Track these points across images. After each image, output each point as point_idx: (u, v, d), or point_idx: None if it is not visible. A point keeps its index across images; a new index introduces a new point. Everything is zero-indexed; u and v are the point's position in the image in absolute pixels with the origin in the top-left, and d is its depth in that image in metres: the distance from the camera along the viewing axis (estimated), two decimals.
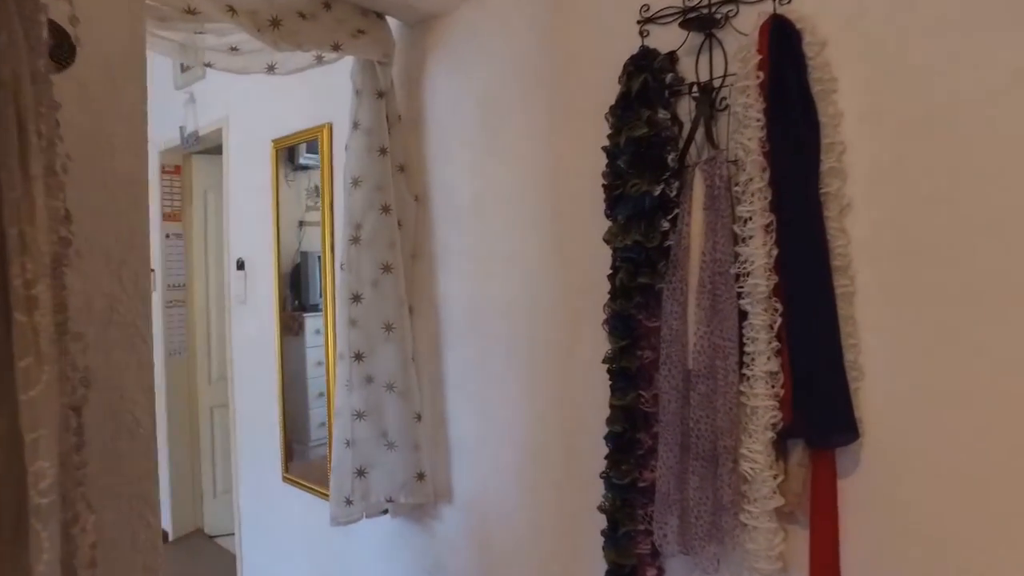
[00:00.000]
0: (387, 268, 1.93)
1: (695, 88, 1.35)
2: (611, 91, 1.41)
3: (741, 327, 1.20)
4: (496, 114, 1.81)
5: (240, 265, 2.97)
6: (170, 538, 3.81)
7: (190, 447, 3.85)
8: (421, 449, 1.96)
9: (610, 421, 1.40)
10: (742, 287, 1.19)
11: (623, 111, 1.38)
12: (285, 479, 2.71)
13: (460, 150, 1.91)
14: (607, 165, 1.41)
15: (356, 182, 1.94)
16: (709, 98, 1.32)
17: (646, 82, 1.35)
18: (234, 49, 1.75)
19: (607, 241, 1.41)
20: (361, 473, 1.95)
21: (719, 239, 1.23)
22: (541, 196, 1.71)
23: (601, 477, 1.43)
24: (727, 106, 1.29)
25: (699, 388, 1.23)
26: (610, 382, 1.41)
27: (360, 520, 2.01)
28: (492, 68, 1.81)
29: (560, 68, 1.66)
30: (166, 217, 3.72)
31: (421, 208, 2.04)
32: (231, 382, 3.15)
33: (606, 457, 1.41)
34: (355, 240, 1.94)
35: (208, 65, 1.78)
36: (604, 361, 1.41)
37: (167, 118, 3.56)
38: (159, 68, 3.66)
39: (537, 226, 1.72)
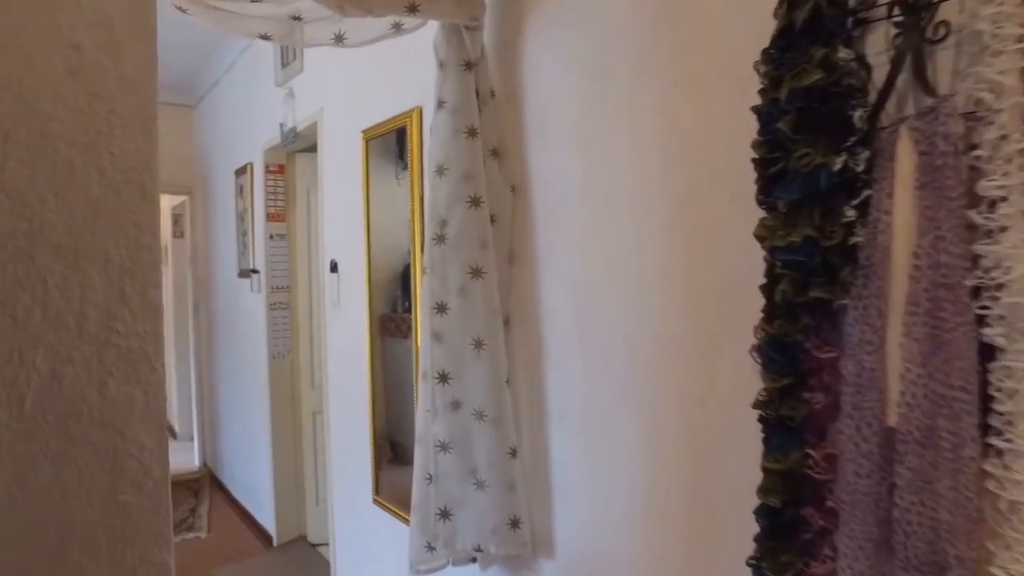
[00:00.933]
0: (477, 272, 1.62)
1: (895, 10, 0.92)
2: (760, 34, 1.01)
3: (984, 370, 0.77)
4: (609, 83, 1.44)
5: (333, 267, 2.78)
6: (274, 543, 3.74)
7: (293, 452, 3.76)
8: (516, 490, 1.63)
9: (763, 491, 1.00)
10: (987, 308, 0.77)
11: (783, 53, 0.97)
12: (375, 501, 2.48)
13: (566, 130, 1.56)
14: (760, 131, 1.01)
15: (440, 170, 1.64)
16: (919, 22, 0.89)
17: (818, 8, 0.94)
18: (296, 18, 1.50)
19: (760, 238, 1.01)
20: (445, 515, 1.65)
21: (944, 233, 0.81)
22: (667, 182, 1.32)
23: (749, 565, 1.03)
24: (948, 33, 0.86)
25: (909, 460, 0.82)
26: (763, 435, 1.01)
27: (446, 567, 1.72)
28: (603, 27, 1.45)
29: (687, 16, 1.27)
30: (270, 218, 3.64)
31: (519, 200, 1.71)
32: (325, 390, 2.98)
33: (756, 539, 1.02)
34: (439, 239, 1.64)
35: (266, 38, 1.55)
36: (755, 406, 1.01)
37: (269, 116, 3.47)
38: (262, 66, 3.58)
39: (662, 220, 1.33)
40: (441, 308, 1.64)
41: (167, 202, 6.79)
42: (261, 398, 3.80)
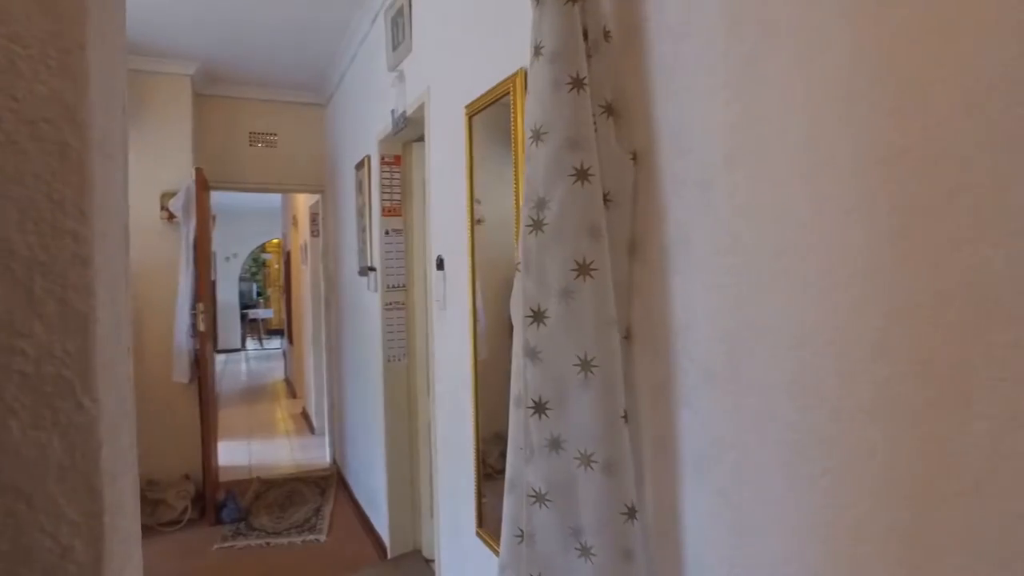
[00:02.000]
0: (585, 269, 1.22)
1: None
2: None
3: None
4: (768, 5, 0.99)
5: (440, 264, 2.48)
6: (388, 554, 3.54)
7: (409, 462, 3.54)
8: (634, 561, 1.21)
9: None
10: None
11: None
12: (478, 534, 2.15)
13: (708, 71, 1.12)
14: None
15: (537, 135, 1.25)
16: None
17: None
18: None
19: None
20: None
21: None
22: (869, 132, 0.85)
23: None
24: None
25: None
26: None
27: None
28: None
29: None
30: (386, 212, 3.43)
31: (642, 172, 1.28)
32: (433, 400, 2.69)
33: None
34: (535, 226, 1.25)
35: None
36: None
37: (383, 104, 3.26)
38: (377, 53, 3.38)
39: (862, 191, 0.86)
40: (537, 316, 1.25)
41: (305, 201, 6.95)
42: (377, 402, 3.62)
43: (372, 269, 3.56)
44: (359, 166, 3.84)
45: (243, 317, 14.84)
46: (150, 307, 4.35)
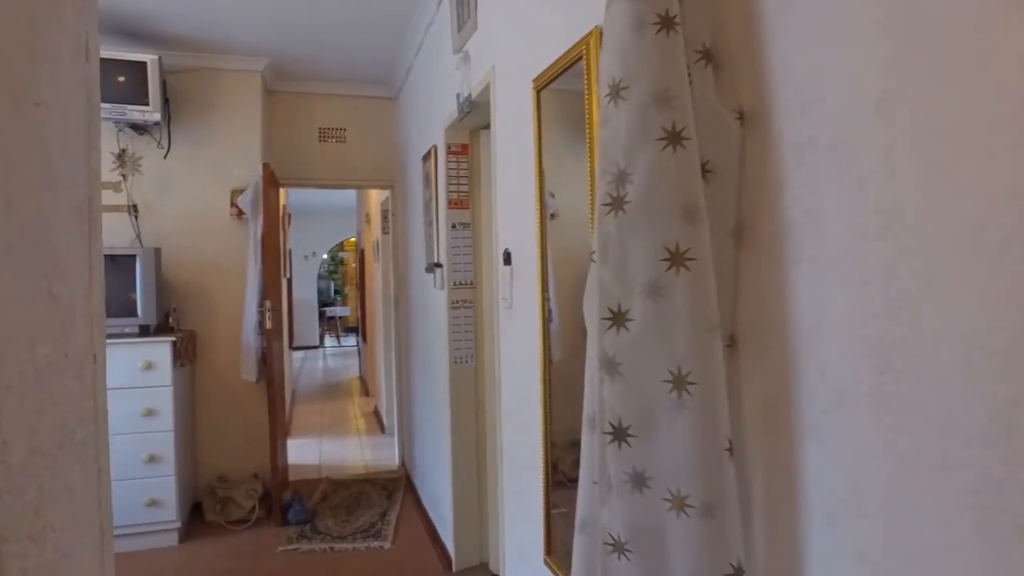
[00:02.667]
0: (679, 259, 0.95)
1: None
2: None
3: None
4: None
5: (507, 259, 2.25)
6: (454, 568, 3.35)
7: (476, 471, 3.33)
8: None
9: None
10: None
11: None
12: (546, 562, 1.90)
13: (842, 5, 0.84)
14: None
15: (616, 91, 1.00)
16: None
17: None
18: None
19: None
20: None
21: None
22: None
23: None
24: None
25: None
26: None
27: None
28: None
29: None
30: (452, 204, 3.24)
31: (752, 135, 1.01)
32: (499, 406, 2.47)
33: None
34: (615, 204, 1.00)
35: None
36: None
37: (448, 90, 3.06)
38: (443, 37, 3.19)
39: None
40: (617, 319, 1.00)
41: (377, 198, 6.89)
42: (443, 406, 3.43)
43: (438, 265, 3.38)
44: (425, 158, 3.67)
45: (321, 315, 15.14)
46: (220, 305, 4.32)
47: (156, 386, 3.73)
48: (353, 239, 13.65)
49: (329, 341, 15.31)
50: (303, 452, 5.79)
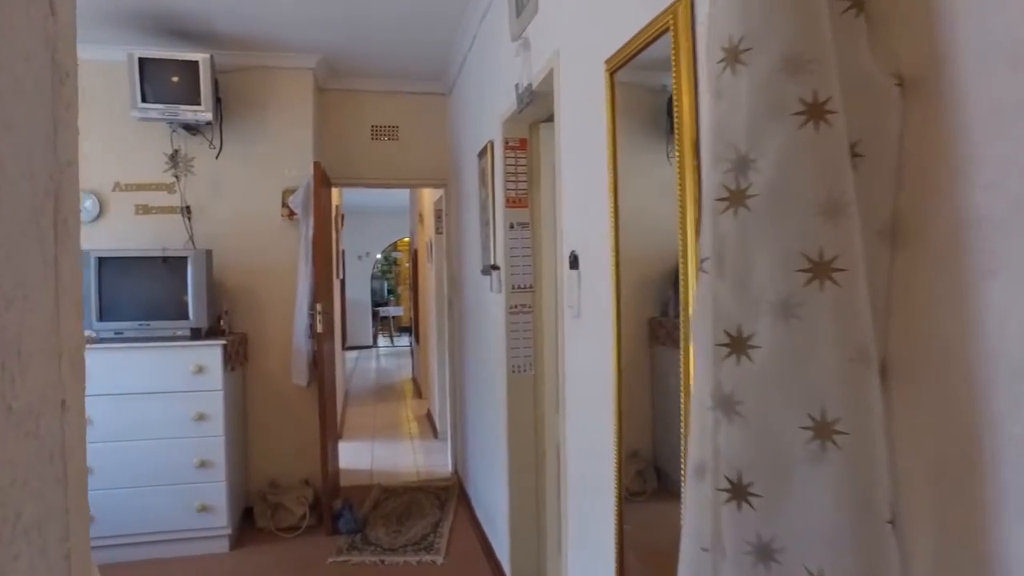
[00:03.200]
0: (823, 269, 0.73)
1: None
2: None
3: None
4: None
5: (573, 262, 2.04)
6: None
7: (534, 486, 3.13)
8: None
9: None
10: None
11: None
12: None
13: None
14: None
15: (735, 55, 0.78)
16: None
17: None
18: None
19: None
20: None
21: None
22: None
23: None
24: None
25: None
26: None
27: None
28: None
29: None
30: (510, 203, 3.05)
31: (916, 106, 0.77)
32: (563, 420, 2.26)
33: None
34: (735, 199, 0.78)
35: None
36: None
37: (506, 81, 2.87)
38: (500, 26, 3.00)
39: None
40: (738, 345, 0.78)
41: (430, 197, 6.76)
42: (499, 416, 3.25)
43: (495, 268, 3.19)
44: (481, 154, 3.49)
45: (375, 315, 15.20)
46: (271, 307, 4.24)
47: (207, 390, 3.65)
48: (406, 239, 13.63)
49: (382, 341, 15.36)
50: (355, 456, 5.70)
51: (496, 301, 3.23)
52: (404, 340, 14.77)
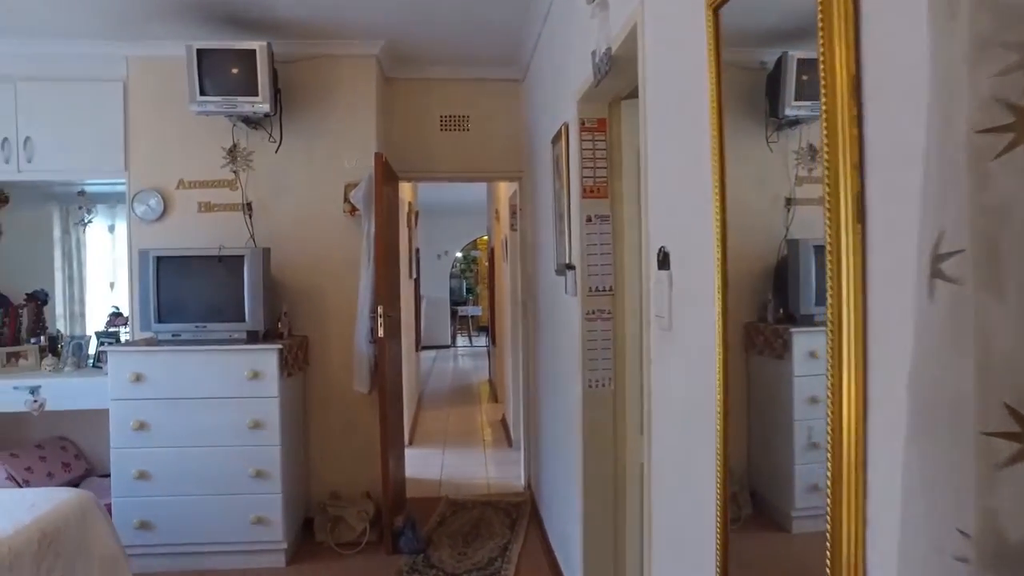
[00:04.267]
0: None
1: None
2: None
3: None
4: None
5: (663, 261, 1.63)
6: None
7: (613, 513, 2.73)
8: None
9: None
10: None
11: None
12: None
13: None
14: None
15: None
16: None
17: None
18: None
19: None
20: None
21: None
22: None
23: None
24: None
25: None
26: None
27: None
28: None
29: None
30: (587, 193, 2.65)
31: None
32: (648, 443, 1.85)
33: None
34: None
35: None
36: None
37: (582, 52, 2.48)
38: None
39: None
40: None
41: (506, 192, 6.43)
42: (574, 433, 2.86)
43: (570, 267, 2.81)
44: (555, 139, 3.11)
45: (453, 314, 15.07)
46: (334, 309, 4.01)
47: (263, 396, 3.44)
48: (485, 238, 13.41)
49: (461, 341, 15.21)
50: (424, 464, 5.44)
51: (571, 305, 2.84)
52: (483, 340, 14.56)
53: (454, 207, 12.35)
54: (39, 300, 4.40)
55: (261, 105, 3.55)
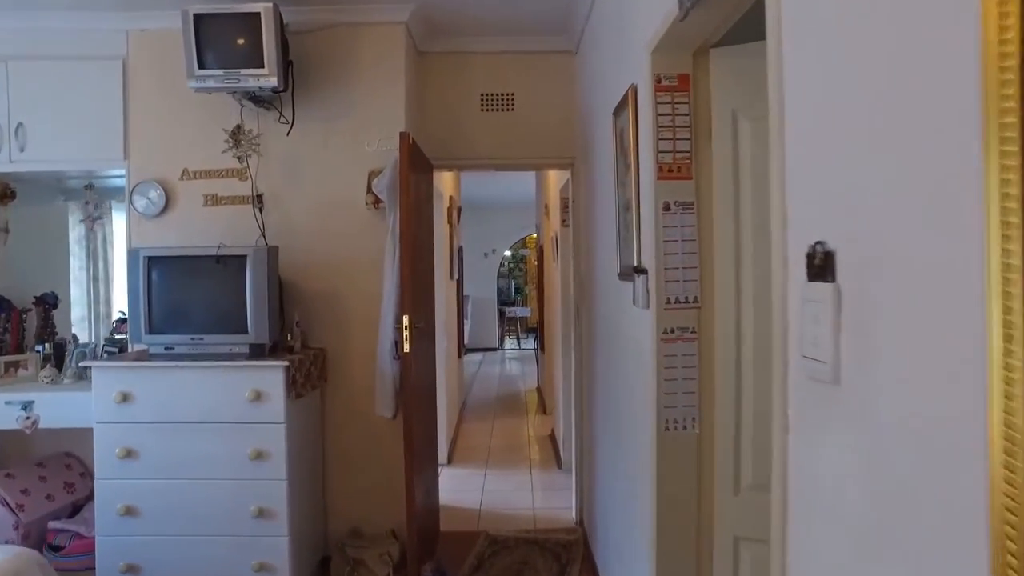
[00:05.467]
0: None
1: None
2: None
3: None
4: None
5: (819, 266, 0.97)
6: None
7: None
8: None
9: None
10: None
11: None
12: None
13: None
14: None
15: None
16: None
17: None
18: None
19: None
20: None
21: None
22: None
23: None
24: None
25: None
26: None
27: None
28: None
29: None
30: (663, 172, 2.00)
31: None
32: (781, 547, 1.17)
33: None
34: None
35: None
36: None
37: None
38: None
39: None
40: None
41: (556, 183, 5.79)
42: (643, 483, 2.21)
43: (640, 271, 2.16)
44: (619, 109, 2.47)
45: (501, 314, 14.50)
46: (356, 317, 3.45)
47: (266, 422, 2.90)
48: (534, 236, 12.80)
49: (508, 343, 14.62)
50: (463, 487, 4.86)
51: (641, 320, 2.19)
52: (531, 342, 13.95)
53: (501, 202, 11.78)
54: (47, 304, 3.98)
55: (267, 79, 3.01)
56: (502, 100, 4.00)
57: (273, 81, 3.02)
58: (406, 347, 2.99)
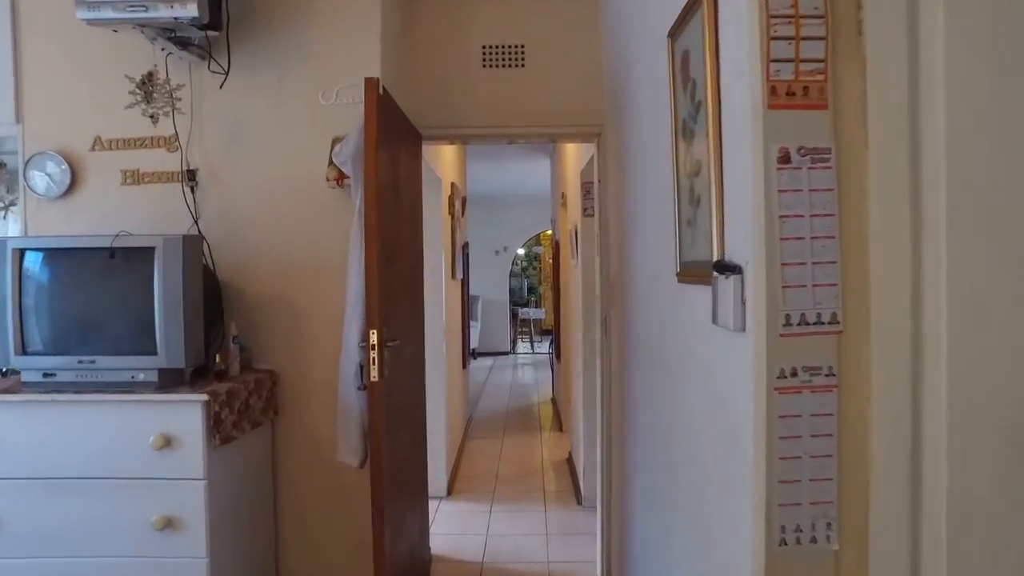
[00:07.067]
0: None
1: None
2: None
3: None
4: None
5: None
6: None
7: None
8: None
9: None
10: None
11: None
12: None
13: None
14: None
15: None
16: None
17: None
18: None
19: None
20: None
21: None
22: None
23: None
24: None
25: None
26: None
27: None
28: None
29: None
30: (778, 97, 1.15)
31: None
32: None
33: None
34: None
35: None
36: None
37: None
38: None
39: None
40: None
41: (575, 168, 4.94)
42: None
43: (731, 268, 1.30)
44: (680, 23, 1.62)
45: (513, 315, 13.66)
46: (318, 329, 2.63)
47: (178, 478, 2.09)
48: (549, 232, 11.95)
49: (521, 346, 13.78)
50: (465, 527, 4.04)
51: (728, 350, 1.34)
52: (546, 346, 13.12)
53: (513, 196, 10.96)
54: None
55: (185, 6, 2.19)
56: (509, 54, 3.17)
57: (193, 10, 2.20)
58: (373, 374, 2.15)
